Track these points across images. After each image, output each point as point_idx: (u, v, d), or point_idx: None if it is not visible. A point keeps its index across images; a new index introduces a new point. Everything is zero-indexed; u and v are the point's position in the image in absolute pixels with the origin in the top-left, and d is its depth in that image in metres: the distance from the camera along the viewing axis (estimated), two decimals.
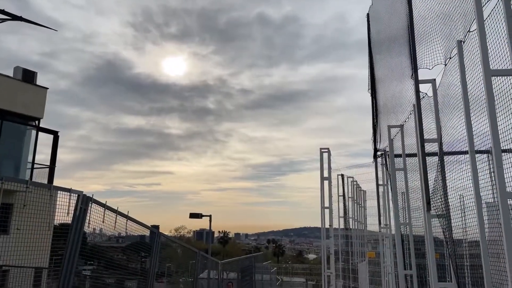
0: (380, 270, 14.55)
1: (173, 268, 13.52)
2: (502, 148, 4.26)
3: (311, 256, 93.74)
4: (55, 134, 17.77)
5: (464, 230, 7.29)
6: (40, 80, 18.25)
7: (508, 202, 4.06)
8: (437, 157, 7.10)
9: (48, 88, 18.14)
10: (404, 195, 10.61)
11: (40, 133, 17.25)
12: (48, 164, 17.28)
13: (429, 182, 7.26)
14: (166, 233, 10.83)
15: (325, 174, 16.55)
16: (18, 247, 6.97)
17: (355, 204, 20.30)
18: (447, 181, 6.86)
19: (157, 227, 12.63)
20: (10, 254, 6.88)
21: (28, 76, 17.35)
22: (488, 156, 7.93)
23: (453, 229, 6.76)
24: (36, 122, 17.31)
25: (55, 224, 7.32)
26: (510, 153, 4.44)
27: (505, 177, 4.12)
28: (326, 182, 16.44)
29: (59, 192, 6.70)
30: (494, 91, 4.53)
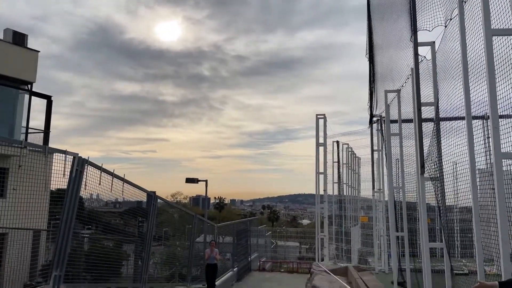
0: (372, 233, 14.90)
1: (170, 233, 13.74)
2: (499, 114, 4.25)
3: (305, 222, 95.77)
4: (48, 98, 17.51)
5: (456, 196, 7.41)
6: (32, 45, 17.85)
7: (502, 164, 4.10)
8: (432, 124, 7.10)
9: (39, 51, 17.73)
10: (398, 161, 10.72)
11: (33, 98, 17.00)
12: (43, 129, 17.14)
13: (424, 148, 7.30)
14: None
15: (321, 141, 16.61)
16: (16, 210, 7.00)
17: (350, 170, 20.49)
18: (442, 147, 6.90)
19: (153, 193, 12.71)
20: (8, 217, 6.92)
21: (18, 39, 16.89)
22: (483, 122, 7.96)
23: (445, 192, 6.86)
24: (29, 86, 17.02)
25: (52, 189, 7.32)
26: (506, 119, 4.44)
27: (500, 139, 4.15)
28: (321, 148, 16.52)
29: (54, 155, 6.67)
30: (494, 55, 4.47)
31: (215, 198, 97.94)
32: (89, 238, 9.59)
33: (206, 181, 23.14)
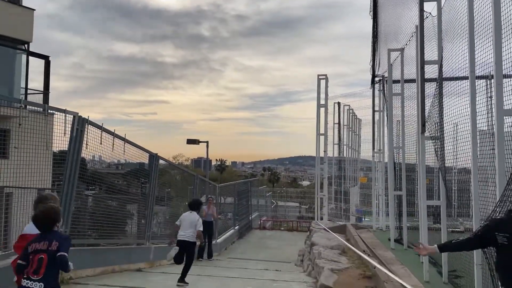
0: (370, 193, 15.14)
1: (173, 193, 13.95)
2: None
3: (305, 183, 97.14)
4: (46, 59, 17.24)
5: (455, 157, 7.46)
6: (27, 2, 17.32)
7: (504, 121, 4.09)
8: (434, 84, 7.03)
9: (34, 10, 17.26)
10: (399, 123, 10.70)
11: (31, 59, 16.72)
12: (42, 90, 17.00)
13: (425, 108, 7.26)
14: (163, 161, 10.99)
15: (322, 102, 16.49)
16: (19, 171, 7.07)
17: (350, 131, 20.52)
18: (443, 107, 6.86)
19: (154, 154, 12.77)
20: (12, 177, 7.00)
21: None
22: (487, 82, 7.85)
23: (445, 152, 6.90)
24: (25, 46, 16.71)
25: (54, 151, 7.36)
26: (511, 79, 4.37)
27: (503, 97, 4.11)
28: (322, 110, 16.44)
29: (55, 117, 6.66)
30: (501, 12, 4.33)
31: (216, 160, 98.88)
32: (93, 198, 9.75)
33: (207, 142, 23.26)
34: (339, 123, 19.49)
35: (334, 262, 8.36)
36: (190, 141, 22.86)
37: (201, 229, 7.25)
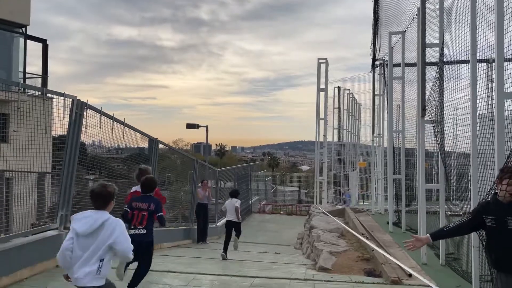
0: (370, 178, 15.21)
1: (173, 178, 13.98)
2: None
3: (305, 168, 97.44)
4: (44, 42, 17.08)
5: (455, 141, 7.46)
6: None
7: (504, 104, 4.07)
8: (435, 68, 6.99)
9: None
10: (399, 107, 10.68)
11: (28, 43, 16.57)
12: (40, 74, 16.89)
13: (426, 92, 7.24)
14: (163, 146, 10.97)
15: (322, 86, 16.43)
16: (19, 155, 7.07)
17: (350, 116, 20.49)
18: (443, 91, 6.83)
19: (154, 138, 12.75)
20: (12, 161, 7.01)
21: None
22: (487, 66, 7.79)
23: (445, 136, 6.91)
24: (23, 29, 16.52)
25: (54, 135, 7.35)
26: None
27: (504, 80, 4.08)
28: (322, 94, 16.39)
29: (54, 101, 6.61)
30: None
31: (216, 145, 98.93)
32: (93, 182, 9.78)
33: (206, 127, 23.22)
34: (339, 108, 19.45)
35: (333, 245, 8.44)
36: (189, 126, 22.81)
37: (238, 206, 9.08)
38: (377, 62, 13.16)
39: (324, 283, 5.88)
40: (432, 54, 7.24)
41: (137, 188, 5.65)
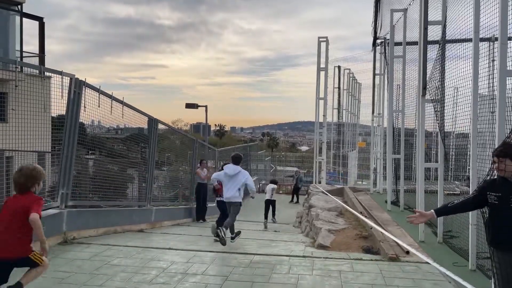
0: (369, 157, 15.25)
1: (173, 158, 14.01)
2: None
3: (304, 148, 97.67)
4: (40, 20, 16.82)
5: (454, 122, 7.45)
6: None
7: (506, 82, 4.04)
8: (437, 48, 6.92)
9: None
10: (399, 87, 10.62)
11: (25, 21, 16.30)
12: (37, 53, 16.70)
13: (427, 71, 7.19)
14: (162, 126, 10.93)
15: (322, 65, 16.27)
16: (18, 134, 7.06)
17: (350, 96, 20.40)
18: (445, 70, 6.78)
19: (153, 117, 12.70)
20: (11, 140, 7.00)
21: None
22: (489, 45, 7.70)
23: (445, 116, 6.89)
24: (19, 7, 16.23)
25: (53, 115, 7.31)
26: None
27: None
28: (322, 73, 16.25)
29: (52, 80, 6.55)
30: None
31: (215, 125, 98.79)
32: (93, 162, 9.80)
33: (206, 106, 23.12)
34: (339, 87, 19.35)
35: (331, 223, 8.53)
36: (189, 105, 22.72)
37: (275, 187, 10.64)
38: (378, 41, 13.01)
39: (322, 260, 5.97)
40: (434, 34, 7.15)
41: (228, 168, 7.19)
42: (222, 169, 7.57)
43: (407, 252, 6.11)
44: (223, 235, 6.57)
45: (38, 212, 3.32)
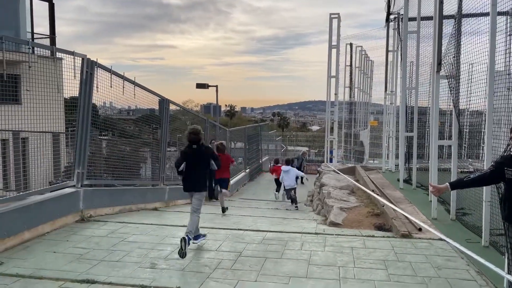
0: (381, 136, 15.13)
1: (184, 139, 14.08)
2: None
3: (315, 128, 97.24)
4: (50, 1, 16.78)
5: (469, 99, 7.31)
6: None
7: None
8: (452, 23, 6.74)
9: None
10: (413, 64, 10.42)
11: (34, 3, 16.29)
12: (48, 35, 16.73)
13: (442, 47, 7.03)
14: (173, 107, 10.95)
15: (334, 43, 16.01)
16: (32, 115, 7.15)
17: (362, 74, 20.10)
18: (461, 45, 6.62)
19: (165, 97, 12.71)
20: (26, 122, 7.10)
21: None
22: (507, 19, 7.46)
23: (460, 92, 6.77)
24: None
25: (65, 97, 7.38)
26: None
27: None
28: (334, 51, 15.99)
29: (64, 62, 6.57)
30: None
31: (225, 105, 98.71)
32: (107, 143, 9.92)
33: (216, 86, 23.04)
34: (350, 65, 19.07)
35: (343, 201, 8.57)
36: (199, 86, 22.67)
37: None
38: (391, 17, 12.70)
39: (334, 236, 6.03)
40: (450, 8, 6.96)
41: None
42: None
43: (420, 229, 6.13)
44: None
45: None
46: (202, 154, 5.51)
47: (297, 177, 12.11)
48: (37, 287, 3.87)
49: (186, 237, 4.81)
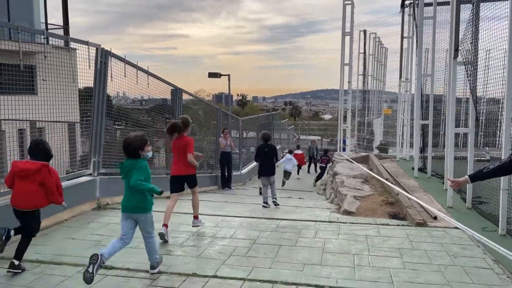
0: (394, 124, 14.95)
1: (196, 128, 14.16)
2: None
3: (327, 117, 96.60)
4: None
5: (485, 86, 7.16)
6: None
7: None
8: (469, 7, 6.57)
9: None
10: (428, 51, 10.22)
11: None
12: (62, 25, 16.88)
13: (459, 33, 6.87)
14: (185, 97, 11.00)
15: (347, 29, 15.77)
16: (48, 105, 7.25)
17: (376, 61, 19.81)
18: (479, 31, 6.47)
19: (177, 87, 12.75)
20: (42, 112, 7.22)
21: None
22: None
23: (478, 77, 6.64)
24: None
25: (79, 87, 7.46)
26: None
27: None
28: (347, 38, 15.76)
29: (78, 52, 6.63)
30: None
31: (237, 95, 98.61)
32: (121, 132, 10.03)
33: (228, 75, 22.99)
34: (364, 53, 18.81)
35: (357, 190, 8.53)
36: (211, 75, 22.65)
37: None
38: (406, 2, 12.44)
39: (348, 225, 6.02)
40: None
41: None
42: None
43: (435, 218, 6.08)
44: None
45: None
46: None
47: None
48: (56, 272, 3.97)
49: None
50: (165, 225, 5.09)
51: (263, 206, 7.85)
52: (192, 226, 5.59)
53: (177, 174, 5.63)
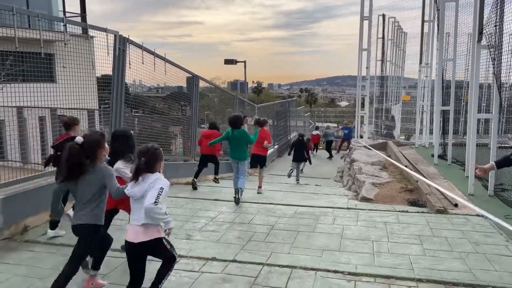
0: (413, 110, 14.68)
1: (212, 116, 14.20)
2: None
3: (343, 104, 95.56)
4: None
5: (509, 71, 6.93)
6: None
7: None
8: None
9: None
10: (449, 35, 9.94)
11: None
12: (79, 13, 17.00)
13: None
14: (201, 84, 11.01)
15: (366, 14, 15.46)
16: (67, 93, 7.35)
17: (394, 46, 19.37)
18: (504, 13, 6.24)
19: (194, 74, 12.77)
20: (61, 100, 7.32)
21: None
22: None
23: (502, 61, 6.43)
24: None
25: (97, 75, 7.54)
26: None
27: None
28: (365, 23, 15.47)
29: (95, 40, 6.67)
30: None
31: (252, 82, 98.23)
32: (138, 120, 10.13)
33: (244, 62, 22.88)
34: (383, 38, 18.40)
35: (375, 177, 8.45)
36: (227, 61, 22.57)
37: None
38: None
39: (367, 211, 5.98)
40: None
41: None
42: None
43: (456, 205, 5.99)
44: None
45: None
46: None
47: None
48: None
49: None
50: (259, 187, 8.23)
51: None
52: (257, 193, 7.96)
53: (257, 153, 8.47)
